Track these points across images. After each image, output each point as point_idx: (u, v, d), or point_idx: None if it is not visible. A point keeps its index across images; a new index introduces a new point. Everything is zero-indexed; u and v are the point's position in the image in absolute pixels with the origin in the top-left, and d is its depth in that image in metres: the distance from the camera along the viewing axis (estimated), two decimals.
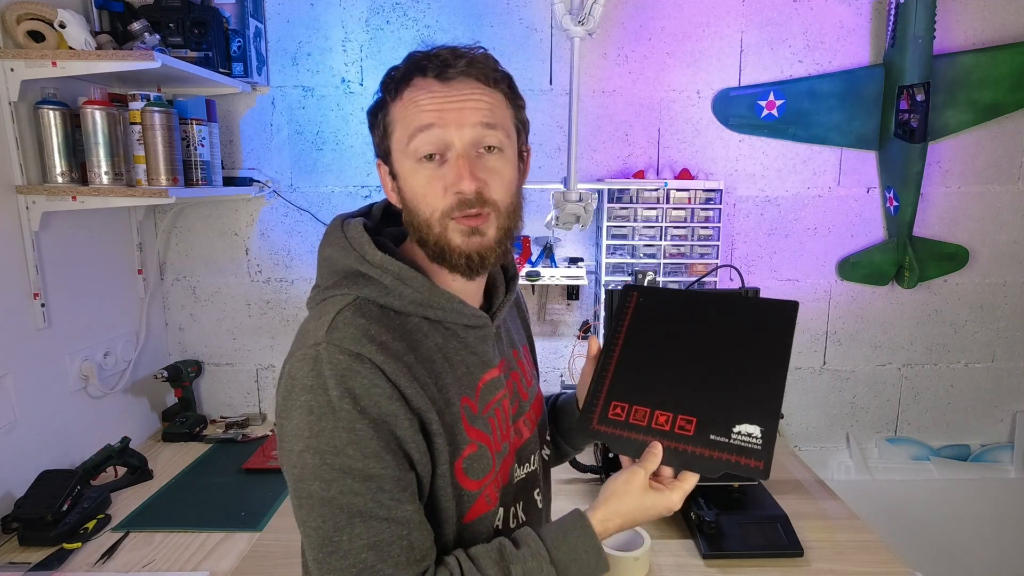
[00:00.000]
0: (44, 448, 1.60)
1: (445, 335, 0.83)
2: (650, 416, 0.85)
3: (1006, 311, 2.18)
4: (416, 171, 0.78)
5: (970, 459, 2.26)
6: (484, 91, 0.78)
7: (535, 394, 0.99)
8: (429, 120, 0.76)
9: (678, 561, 1.37)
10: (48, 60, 1.47)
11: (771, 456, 0.77)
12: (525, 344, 1.04)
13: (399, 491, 0.72)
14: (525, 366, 0.98)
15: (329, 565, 0.71)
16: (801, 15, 2.00)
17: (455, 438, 0.79)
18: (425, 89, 0.77)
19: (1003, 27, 2.00)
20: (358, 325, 0.74)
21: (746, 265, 2.13)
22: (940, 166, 2.07)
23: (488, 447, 0.83)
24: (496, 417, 0.85)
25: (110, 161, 1.58)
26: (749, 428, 0.79)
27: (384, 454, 0.71)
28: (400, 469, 0.73)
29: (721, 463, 0.79)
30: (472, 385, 0.83)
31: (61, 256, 1.67)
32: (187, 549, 1.41)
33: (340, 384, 0.70)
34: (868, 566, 1.36)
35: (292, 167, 2.06)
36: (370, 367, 0.71)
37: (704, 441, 0.81)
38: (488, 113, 0.78)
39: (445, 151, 0.77)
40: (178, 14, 1.75)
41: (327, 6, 1.97)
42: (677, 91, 2.04)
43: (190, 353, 2.16)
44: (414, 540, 0.73)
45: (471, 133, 0.76)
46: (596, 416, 0.89)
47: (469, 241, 0.78)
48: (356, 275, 0.80)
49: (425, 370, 0.77)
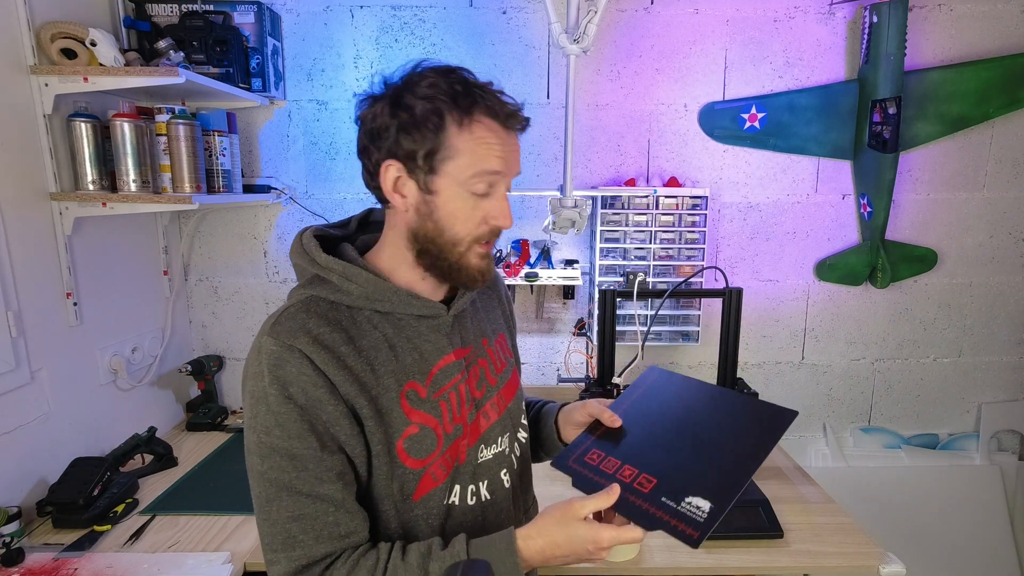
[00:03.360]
0: (76, 437, 1.60)
1: (397, 325, 0.84)
2: (618, 467, 0.87)
3: (972, 309, 2.18)
4: (464, 199, 0.80)
5: (938, 447, 2.26)
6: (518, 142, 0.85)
7: (506, 380, 0.97)
8: (499, 167, 0.80)
9: (667, 542, 1.36)
10: (80, 76, 1.47)
11: (709, 532, 0.75)
12: (503, 332, 1.03)
13: (322, 471, 0.75)
14: (496, 353, 0.97)
15: (262, 531, 0.77)
16: (781, 34, 2.00)
17: (393, 421, 0.80)
18: (497, 132, 0.80)
19: (970, 45, 2.00)
20: (298, 320, 0.78)
21: (730, 267, 2.13)
22: (911, 174, 2.07)
23: (434, 429, 0.83)
24: (450, 401, 0.85)
25: (138, 170, 1.57)
26: (700, 502, 0.78)
27: (307, 436, 0.74)
28: (324, 451, 0.75)
29: (659, 521, 0.78)
30: (424, 371, 0.84)
31: (92, 258, 1.67)
32: (209, 531, 1.41)
33: (271, 372, 0.75)
34: (843, 547, 1.37)
35: (307, 175, 2.06)
36: (300, 357, 0.75)
37: (654, 500, 0.80)
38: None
39: (492, 191, 0.82)
40: (201, 33, 1.75)
41: (340, 26, 1.96)
42: (666, 105, 2.04)
43: (212, 348, 2.16)
44: (340, 518, 0.76)
45: (512, 181, 0.84)
46: (575, 455, 0.91)
47: (484, 263, 0.85)
48: (315, 276, 0.83)
49: (362, 359, 0.79)
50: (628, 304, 1.97)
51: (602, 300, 1.81)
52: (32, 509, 1.45)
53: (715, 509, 0.77)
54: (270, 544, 0.76)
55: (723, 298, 1.82)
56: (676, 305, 2.06)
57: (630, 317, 1.99)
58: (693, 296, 2.03)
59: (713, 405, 0.95)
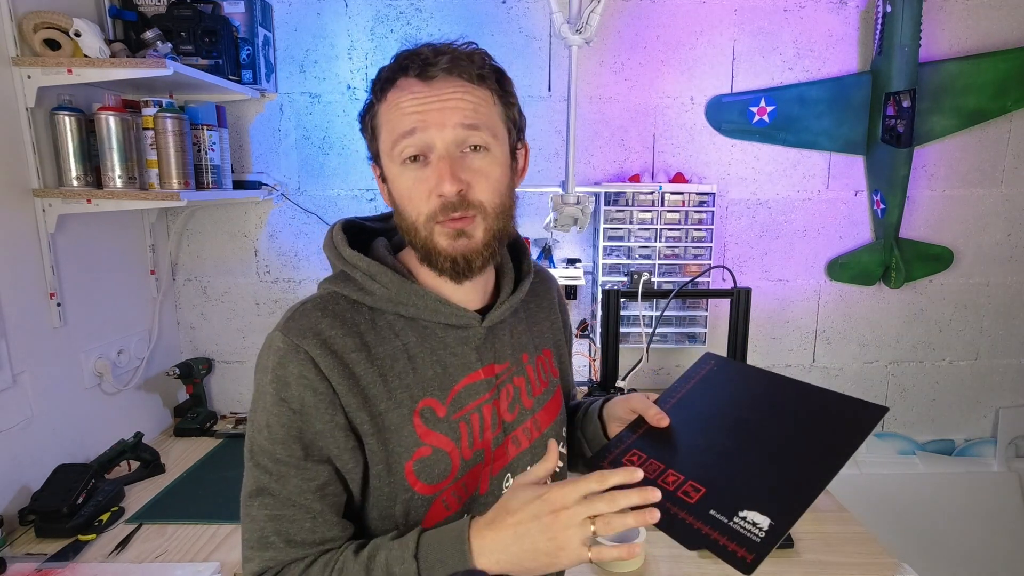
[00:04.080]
0: (60, 443, 1.60)
1: (422, 334, 0.79)
2: (661, 472, 0.77)
3: (989, 310, 2.18)
4: (402, 174, 0.76)
5: (954, 453, 2.26)
6: (468, 89, 0.75)
7: (545, 403, 0.90)
8: (411, 124, 0.73)
9: (672, 552, 1.36)
10: (64, 67, 1.47)
11: (766, 554, 0.65)
12: (548, 347, 0.96)
13: (303, 480, 0.73)
14: (536, 372, 0.90)
15: (243, 525, 0.76)
16: (791, 24, 1.99)
17: (402, 440, 0.76)
18: (407, 90, 0.74)
19: (986, 35, 2.00)
20: (311, 318, 0.75)
21: (738, 266, 2.13)
22: (925, 170, 2.07)
23: (449, 453, 0.78)
24: (471, 423, 0.80)
25: (124, 165, 1.57)
26: (757, 517, 0.68)
27: (292, 443, 0.73)
28: (309, 460, 0.73)
29: (705, 539, 0.68)
30: (445, 387, 0.79)
31: (76, 257, 1.67)
32: (198, 541, 1.40)
33: (274, 371, 0.73)
34: (856, 557, 1.36)
35: (299, 171, 2.05)
36: (304, 358, 0.72)
37: (701, 513, 0.70)
38: (471, 113, 0.74)
39: (428, 153, 0.74)
40: (190, 23, 1.74)
41: (333, 16, 1.96)
42: (671, 98, 2.03)
43: (201, 351, 2.15)
44: (318, 527, 0.74)
45: (452, 134, 0.73)
46: (611, 456, 0.83)
47: (455, 244, 0.75)
48: (342, 272, 0.80)
49: (374, 369, 0.75)
50: (632, 305, 1.96)
51: (605, 300, 1.82)
52: (14, 518, 1.44)
53: (776, 527, 0.66)
54: (247, 540, 0.75)
55: (731, 298, 1.83)
56: (682, 306, 2.06)
57: (634, 318, 1.98)
58: (700, 296, 2.03)
59: (780, 399, 0.84)
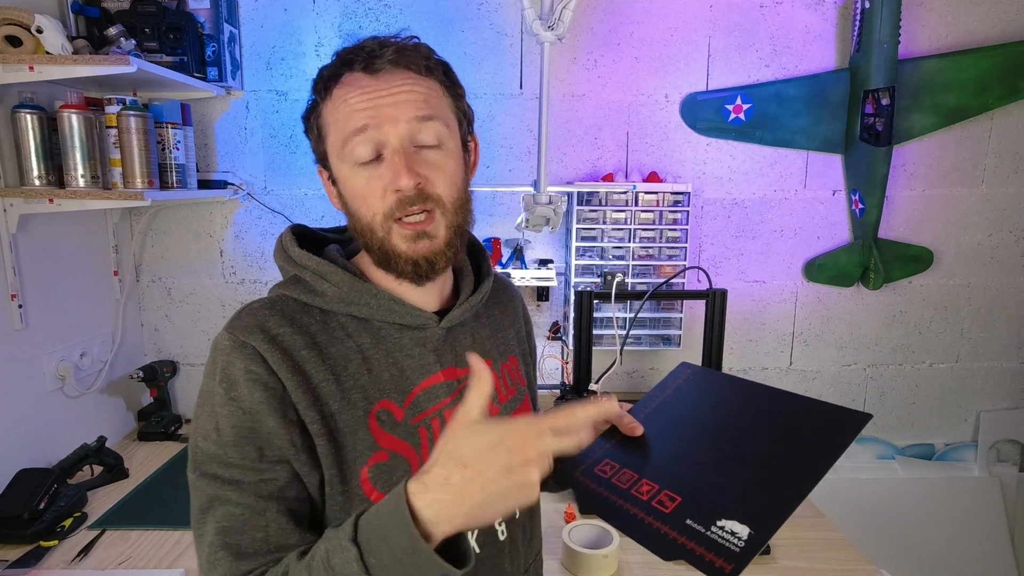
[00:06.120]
0: (21, 447, 1.64)
1: (377, 336, 0.80)
2: (635, 482, 0.77)
3: (970, 312, 2.25)
4: (355, 174, 0.77)
5: (934, 458, 2.32)
6: (417, 80, 0.76)
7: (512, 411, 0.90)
8: (362, 121, 0.74)
9: (646, 559, 1.37)
10: (25, 64, 1.49)
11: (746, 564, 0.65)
12: (514, 355, 0.96)
13: (258, 483, 0.71)
14: (502, 378, 0.91)
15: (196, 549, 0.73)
16: (768, 20, 2.07)
17: (357, 443, 0.75)
18: (354, 85, 0.75)
19: (967, 32, 2.07)
20: (258, 317, 0.76)
21: (714, 267, 2.19)
22: (905, 169, 2.14)
23: (408, 459, 0.77)
24: (432, 428, 0.79)
25: (86, 164, 1.61)
26: (736, 526, 0.68)
27: (244, 445, 0.71)
28: (265, 461, 0.72)
29: (681, 549, 0.68)
30: (403, 390, 0.79)
31: (38, 258, 1.71)
32: (163, 547, 1.43)
33: (222, 370, 0.73)
34: (834, 563, 1.39)
35: (266, 170, 2.11)
36: (251, 354, 0.72)
37: (676, 524, 0.71)
38: (423, 104, 0.75)
39: (382, 150, 0.75)
40: (153, 19, 1.79)
41: (300, 12, 2.02)
42: (646, 95, 2.10)
43: (165, 353, 2.21)
44: (272, 535, 0.71)
45: (406, 128, 0.74)
46: (583, 466, 0.83)
47: (416, 246, 0.76)
48: (293, 276, 0.82)
49: (325, 368, 0.75)
50: (606, 307, 2.00)
51: (578, 302, 1.87)
52: None
53: (755, 536, 0.67)
54: (200, 565, 0.72)
55: (706, 300, 1.88)
56: (656, 307, 2.12)
57: (608, 320, 2.03)
58: (675, 298, 2.09)
59: (759, 407, 0.86)
